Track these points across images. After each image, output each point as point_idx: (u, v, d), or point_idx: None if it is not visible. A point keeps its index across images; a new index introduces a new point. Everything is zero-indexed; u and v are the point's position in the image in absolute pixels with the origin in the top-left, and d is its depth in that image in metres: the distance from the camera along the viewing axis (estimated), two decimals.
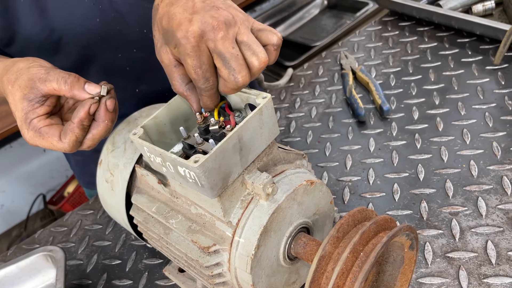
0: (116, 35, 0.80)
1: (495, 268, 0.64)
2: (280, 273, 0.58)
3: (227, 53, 0.49)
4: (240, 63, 0.49)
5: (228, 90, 0.52)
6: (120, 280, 0.78)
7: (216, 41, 0.49)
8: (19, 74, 0.54)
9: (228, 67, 0.49)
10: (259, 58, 0.50)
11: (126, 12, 0.80)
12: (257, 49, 0.50)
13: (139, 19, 0.81)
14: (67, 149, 0.54)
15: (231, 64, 0.49)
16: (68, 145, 0.54)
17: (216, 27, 0.48)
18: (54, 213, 2.39)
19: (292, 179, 0.56)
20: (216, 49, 0.49)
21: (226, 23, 0.49)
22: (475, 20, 1.03)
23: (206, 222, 0.56)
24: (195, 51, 0.49)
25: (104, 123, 0.54)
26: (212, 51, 0.49)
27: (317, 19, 2.06)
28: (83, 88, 0.53)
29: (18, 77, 0.54)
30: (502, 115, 0.86)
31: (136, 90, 0.90)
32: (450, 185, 0.77)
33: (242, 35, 0.50)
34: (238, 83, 0.50)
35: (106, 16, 0.78)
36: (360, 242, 0.47)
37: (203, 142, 0.53)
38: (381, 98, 0.95)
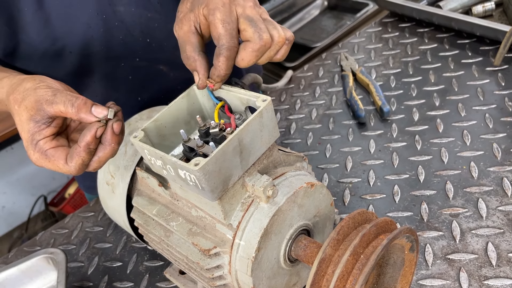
0: (119, 44, 0.80)
1: (496, 270, 0.64)
2: (281, 276, 0.58)
3: (255, 16, 0.54)
4: (265, 27, 0.54)
5: (246, 53, 0.54)
6: (121, 282, 0.78)
7: (245, 7, 0.55)
8: (26, 94, 0.54)
9: (254, 26, 0.53)
10: (279, 33, 0.55)
11: (129, 22, 0.80)
12: (278, 26, 0.56)
13: (142, 29, 0.81)
14: (73, 172, 0.54)
15: (257, 24, 0.54)
16: (75, 168, 0.53)
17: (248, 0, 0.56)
18: (55, 215, 2.39)
19: (292, 181, 0.57)
20: (244, 13, 0.54)
21: (254, 1, 0.57)
22: (475, 21, 1.03)
23: (207, 224, 0.56)
24: (225, 7, 0.54)
25: (111, 146, 0.54)
26: (239, 15, 0.54)
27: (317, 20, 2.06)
28: (90, 111, 0.53)
29: (24, 97, 0.54)
30: (502, 116, 0.86)
31: (138, 99, 0.91)
32: (450, 186, 0.77)
33: (265, 15, 0.57)
34: (262, 39, 0.53)
35: (109, 26, 0.78)
36: (361, 244, 0.47)
37: (204, 144, 0.53)
38: (381, 100, 0.95)
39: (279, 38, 0.54)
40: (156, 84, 0.90)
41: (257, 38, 0.53)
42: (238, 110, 0.57)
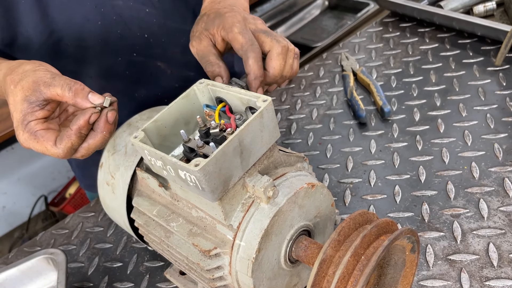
0: (116, 39, 0.80)
1: (497, 271, 0.64)
2: (281, 277, 0.58)
3: (266, 29, 0.62)
4: (279, 36, 0.62)
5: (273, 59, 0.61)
6: (122, 283, 0.78)
7: (256, 24, 0.62)
8: (24, 75, 0.55)
9: (270, 35, 0.61)
10: (288, 42, 0.63)
11: (127, 16, 0.80)
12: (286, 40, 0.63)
13: (140, 24, 0.81)
14: (61, 154, 0.54)
15: (272, 34, 0.61)
16: (62, 151, 0.54)
17: (255, 18, 0.64)
18: (55, 215, 2.39)
19: (293, 182, 0.56)
20: (257, 28, 0.62)
21: (261, 20, 0.65)
22: (476, 21, 1.03)
23: (207, 225, 0.56)
24: (241, 23, 0.61)
25: (102, 134, 0.55)
26: (254, 30, 0.61)
27: (318, 20, 2.06)
28: (87, 97, 0.53)
29: (22, 78, 0.54)
30: (503, 116, 0.86)
31: (135, 95, 0.90)
32: (451, 187, 0.77)
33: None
34: (281, 43, 0.61)
35: (107, 20, 0.78)
36: (361, 245, 0.46)
37: (204, 145, 0.53)
38: (382, 100, 0.95)
39: (290, 46, 0.62)
40: (153, 80, 0.90)
41: (276, 43, 0.60)
42: (238, 110, 0.57)
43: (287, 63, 0.62)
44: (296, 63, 0.64)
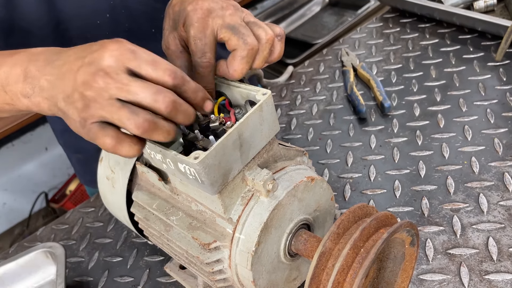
0: (124, 32, 0.80)
1: (496, 265, 0.64)
2: (281, 270, 0.58)
3: (236, 23, 0.52)
4: (249, 30, 0.52)
5: (236, 63, 0.52)
6: (121, 277, 0.78)
7: (224, 17, 0.52)
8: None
9: (236, 33, 0.51)
10: (266, 31, 0.52)
11: (136, 10, 0.79)
12: (263, 25, 0.53)
13: (148, 19, 0.81)
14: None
15: (240, 30, 0.52)
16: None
17: (225, 7, 0.53)
18: (56, 211, 2.39)
19: (292, 175, 0.56)
20: (224, 23, 0.52)
21: (234, 6, 0.54)
22: (477, 17, 1.03)
23: (207, 219, 0.56)
24: (199, 22, 0.52)
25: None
26: (220, 26, 0.52)
27: (318, 16, 2.06)
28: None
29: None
30: (503, 111, 0.86)
31: None
32: (451, 181, 0.77)
33: (249, 17, 0.54)
34: (248, 44, 0.51)
35: (116, 13, 0.77)
36: (361, 238, 0.46)
37: (203, 138, 0.53)
38: (382, 95, 0.95)
39: (266, 36, 0.52)
40: None
41: (242, 44, 0.51)
42: (238, 104, 0.57)
43: (258, 61, 0.54)
44: (277, 50, 0.55)
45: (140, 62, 0.45)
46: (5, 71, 0.52)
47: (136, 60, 0.45)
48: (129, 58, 0.45)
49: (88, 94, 0.44)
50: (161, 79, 0.45)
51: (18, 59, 0.51)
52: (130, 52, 0.45)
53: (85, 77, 0.44)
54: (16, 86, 0.50)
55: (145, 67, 0.45)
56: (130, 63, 0.45)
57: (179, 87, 0.46)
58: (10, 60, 0.52)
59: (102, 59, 0.44)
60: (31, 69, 0.50)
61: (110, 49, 0.45)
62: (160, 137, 0.45)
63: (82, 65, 0.45)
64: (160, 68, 0.45)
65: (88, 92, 0.44)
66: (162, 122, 0.45)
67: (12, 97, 0.52)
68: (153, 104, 0.44)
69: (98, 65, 0.44)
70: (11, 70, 0.51)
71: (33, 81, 0.49)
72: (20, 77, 0.50)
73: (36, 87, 0.49)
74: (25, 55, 0.51)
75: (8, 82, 0.51)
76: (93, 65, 0.45)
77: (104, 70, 0.44)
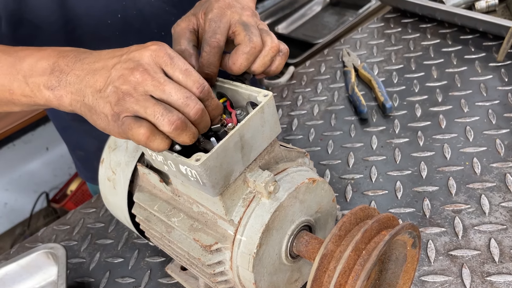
0: (134, 34, 0.80)
1: (498, 266, 0.64)
2: (282, 272, 0.58)
3: (250, 22, 0.55)
4: (258, 32, 0.55)
5: (237, 56, 0.54)
6: (123, 278, 0.78)
7: (242, 15, 0.56)
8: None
9: (246, 30, 0.54)
10: (273, 39, 0.55)
11: (148, 12, 0.79)
12: (272, 35, 0.56)
13: (159, 21, 0.81)
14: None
15: (250, 28, 0.54)
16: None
17: (245, 8, 0.57)
18: (57, 211, 2.39)
19: (294, 177, 0.56)
20: (240, 19, 0.56)
21: (253, 11, 0.58)
22: (478, 17, 1.03)
23: (208, 220, 0.56)
24: (218, 9, 0.56)
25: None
26: (235, 21, 0.55)
27: (319, 16, 2.05)
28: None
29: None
30: (505, 112, 0.86)
31: None
32: (453, 182, 0.76)
33: (263, 25, 0.57)
34: (252, 42, 0.53)
35: (127, 13, 0.77)
36: (362, 240, 0.46)
37: (205, 140, 0.53)
38: (384, 96, 0.95)
39: (272, 43, 0.55)
40: None
41: (247, 41, 0.53)
42: (239, 105, 0.57)
43: (258, 63, 0.55)
44: (276, 63, 0.56)
45: (175, 68, 0.47)
46: (30, 63, 0.53)
47: (172, 66, 0.47)
48: (166, 61, 0.47)
49: (124, 88, 0.46)
50: (190, 90, 0.47)
51: (46, 53, 0.53)
52: (168, 57, 0.47)
53: (122, 72, 0.46)
54: (41, 78, 0.52)
55: (178, 74, 0.47)
56: (166, 66, 0.47)
57: (203, 101, 0.48)
58: (38, 54, 0.54)
59: (143, 56, 0.47)
60: (60, 63, 0.51)
61: (151, 49, 0.47)
62: (186, 139, 0.47)
63: (118, 62, 0.48)
64: (191, 79, 0.47)
65: (124, 86, 0.46)
66: (190, 124, 0.47)
67: (33, 89, 0.53)
68: (184, 107, 0.46)
69: (138, 61, 0.46)
70: (37, 63, 0.53)
71: (61, 74, 0.51)
72: (47, 70, 0.52)
73: (62, 80, 0.51)
74: (54, 51, 0.53)
75: (32, 73, 0.53)
76: (132, 61, 0.47)
77: (143, 66, 0.46)
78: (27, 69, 0.53)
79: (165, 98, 0.46)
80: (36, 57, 0.54)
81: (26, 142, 2.31)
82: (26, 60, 0.54)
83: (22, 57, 0.55)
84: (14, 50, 0.57)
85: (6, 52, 0.57)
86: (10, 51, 0.57)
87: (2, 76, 0.56)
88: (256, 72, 0.56)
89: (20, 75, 0.54)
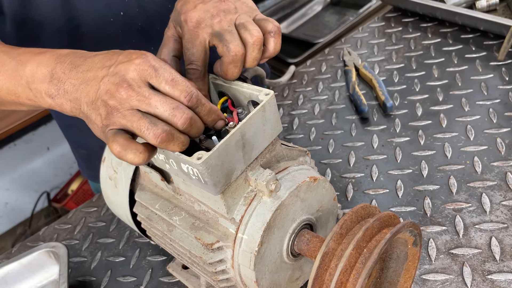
0: (136, 32, 0.80)
1: (499, 265, 0.64)
2: (284, 270, 0.58)
3: (222, 30, 0.54)
4: (234, 36, 0.53)
5: (224, 67, 0.54)
6: (124, 277, 0.78)
7: (213, 25, 0.54)
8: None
9: (221, 40, 0.53)
10: (252, 33, 0.53)
11: (150, 10, 0.79)
12: (250, 26, 0.54)
13: (162, 19, 0.81)
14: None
15: (224, 36, 0.53)
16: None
17: (214, 14, 0.54)
18: (58, 211, 2.39)
19: (295, 175, 0.56)
20: (213, 31, 0.54)
21: (225, 11, 0.55)
22: (479, 16, 1.03)
23: (210, 219, 0.56)
24: (189, 34, 0.55)
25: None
26: (210, 35, 0.54)
27: (320, 15, 2.05)
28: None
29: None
30: (506, 111, 0.86)
31: None
32: (453, 181, 0.76)
33: (240, 19, 0.55)
34: (231, 51, 0.53)
35: (130, 11, 0.77)
36: (364, 238, 0.47)
37: (206, 138, 0.53)
38: (385, 95, 0.95)
39: (252, 38, 0.53)
40: None
41: (226, 51, 0.53)
42: (241, 104, 0.57)
43: (249, 61, 0.54)
44: (271, 44, 0.55)
45: (161, 80, 0.47)
46: (31, 69, 0.54)
47: (157, 78, 0.47)
48: (150, 74, 0.47)
49: (111, 103, 0.46)
50: (177, 99, 0.47)
51: (45, 59, 0.53)
52: (153, 69, 0.47)
53: (109, 87, 0.47)
54: (42, 85, 0.53)
55: (164, 85, 0.47)
56: (152, 79, 0.47)
57: (193, 108, 0.48)
58: (37, 59, 0.54)
59: (127, 72, 0.47)
60: (57, 70, 0.52)
61: (135, 63, 0.47)
62: (175, 148, 0.47)
63: (106, 74, 0.48)
64: (178, 88, 0.47)
65: (111, 101, 0.46)
66: (178, 133, 0.47)
67: (36, 95, 0.54)
68: (171, 118, 0.46)
69: (122, 76, 0.47)
70: (37, 69, 0.53)
71: (59, 83, 0.51)
72: (46, 77, 0.52)
73: (60, 89, 0.51)
74: (52, 56, 0.53)
75: (34, 80, 0.53)
76: (118, 75, 0.47)
77: (128, 82, 0.46)
78: (29, 75, 0.54)
79: (151, 111, 0.46)
80: (36, 62, 0.54)
81: (27, 142, 2.31)
82: (27, 65, 0.55)
83: (24, 62, 0.55)
84: (17, 53, 0.57)
85: (9, 54, 0.57)
86: (13, 53, 0.57)
87: (7, 80, 0.57)
88: (251, 66, 0.56)
89: (23, 81, 0.55)
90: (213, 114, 0.51)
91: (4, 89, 0.58)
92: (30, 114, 1.84)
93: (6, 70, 0.57)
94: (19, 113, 1.82)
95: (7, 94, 0.58)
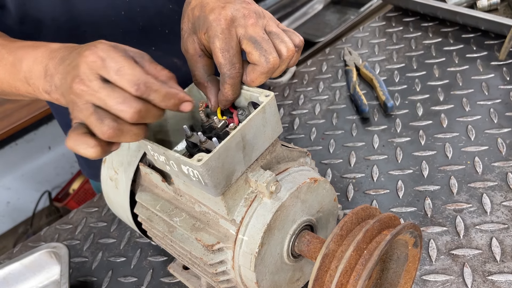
0: (137, 32, 0.80)
1: (500, 265, 0.64)
2: (284, 271, 0.58)
3: (258, 36, 0.51)
4: (271, 46, 0.51)
5: (255, 76, 0.52)
6: (125, 278, 0.79)
7: (246, 27, 0.51)
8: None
9: (259, 49, 0.51)
10: (287, 46, 0.52)
11: (151, 10, 0.79)
12: (285, 38, 0.52)
13: (163, 19, 0.81)
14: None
15: (262, 45, 0.51)
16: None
17: (247, 15, 0.52)
18: (59, 210, 2.40)
19: (295, 177, 0.56)
20: (246, 34, 0.51)
21: (256, 13, 0.53)
22: (480, 15, 1.02)
23: (210, 220, 0.56)
24: (224, 34, 0.51)
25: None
26: (242, 37, 0.51)
27: (320, 14, 2.05)
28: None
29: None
30: (507, 111, 0.86)
31: None
32: (454, 182, 0.76)
33: (271, 26, 0.53)
34: (269, 63, 0.51)
35: (131, 10, 0.77)
36: (364, 240, 0.47)
37: (207, 140, 0.53)
38: (385, 95, 0.95)
39: (287, 52, 0.52)
40: None
41: (264, 62, 0.51)
42: (241, 105, 0.57)
43: (276, 73, 0.53)
44: (292, 61, 0.54)
45: (109, 70, 0.46)
46: (28, 65, 0.54)
47: (105, 69, 0.46)
48: (98, 66, 0.46)
49: (71, 98, 0.47)
50: (126, 90, 0.46)
51: (39, 54, 0.54)
52: (100, 60, 0.46)
53: (68, 81, 0.47)
54: (39, 81, 0.53)
55: (113, 76, 0.46)
56: (100, 70, 0.46)
57: (145, 97, 0.46)
58: (33, 54, 0.54)
59: (78, 66, 0.46)
60: (49, 66, 0.52)
61: (84, 55, 0.46)
62: (127, 140, 0.47)
63: (70, 69, 0.48)
64: (125, 78, 0.45)
65: (71, 96, 0.47)
66: (128, 127, 0.46)
67: (35, 90, 0.55)
68: (119, 113, 0.45)
69: (75, 71, 0.46)
70: (33, 65, 0.54)
71: (51, 79, 0.52)
72: (42, 73, 0.53)
73: (52, 85, 0.52)
74: (46, 52, 0.53)
75: (31, 75, 0.54)
76: (73, 69, 0.47)
77: (80, 76, 0.46)
78: (26, 70, 0.55)
79: (102, 105, 0.45)
80: (31, 57, 0.54)
81: (29, 141, 2.32)
82: (23, 61, 0.55)
83: (20, 57, 0.56)
84: (15, 47, 0.58)
85: (7, 48, 0.58)
86: (11, 47, 0.58)
87: (7, 74, 0.58)
88: (275, 76, 0.55)
89: (22, 76, 0.56)
90: (172, 98, 0.47)
91: (5, 82, 0.59)
92: (32, 114, 1.84)
93: (5, 64, 0.58)
94: (20, 113, 1.83)
95: (8, 87, 0.60)
